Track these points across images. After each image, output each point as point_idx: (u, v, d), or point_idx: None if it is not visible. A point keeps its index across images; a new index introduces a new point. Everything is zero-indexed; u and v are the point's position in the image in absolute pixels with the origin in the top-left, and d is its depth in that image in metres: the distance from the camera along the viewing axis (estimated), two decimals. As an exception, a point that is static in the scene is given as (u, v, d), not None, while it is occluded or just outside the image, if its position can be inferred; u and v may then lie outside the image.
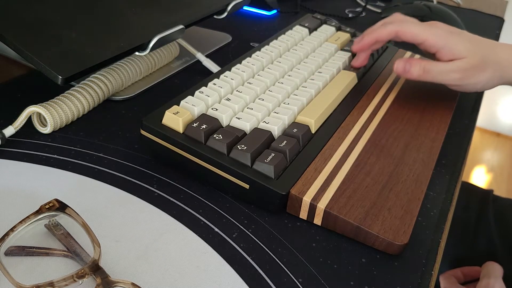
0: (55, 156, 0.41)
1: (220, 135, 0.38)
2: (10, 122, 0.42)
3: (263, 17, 0.79)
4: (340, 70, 0.53)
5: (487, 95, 0.64)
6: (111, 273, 0.30)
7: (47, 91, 0.47)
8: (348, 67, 0.54)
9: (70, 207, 0.32)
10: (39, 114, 0.43)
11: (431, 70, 0.47)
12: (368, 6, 0.91)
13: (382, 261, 0.34)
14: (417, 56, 0.61)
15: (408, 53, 0.62)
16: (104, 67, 0.48)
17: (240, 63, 0.50)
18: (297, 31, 0.59)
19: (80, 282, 0.28)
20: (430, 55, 0.50)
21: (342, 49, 0.58)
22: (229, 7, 0.60)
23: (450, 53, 0.47)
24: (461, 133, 0.51)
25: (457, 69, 0.47)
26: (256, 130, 0.40)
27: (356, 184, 0.38)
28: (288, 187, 0.36)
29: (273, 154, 0.38)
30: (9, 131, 0.41)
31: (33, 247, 0.32)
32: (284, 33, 0.58)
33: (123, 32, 0.48)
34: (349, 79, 0.51)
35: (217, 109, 0.41)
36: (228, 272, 0.32)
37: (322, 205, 0.35)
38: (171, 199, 0.38)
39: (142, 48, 0.49)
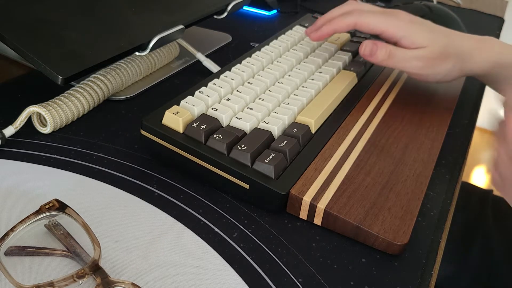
0: (55, 156, 0.41)
1: (220, 135, 0.38)
2: (10, 122, 0.42)
3: (263, 17, 0.79)
4: (340, 70, 0.53)
5: (487, 95, 0.64)
6: (111, 273, 0.30)
7: (47, 91, 0.47)
8: (348, 67, 0.54)
9: (70, 207, 0.32)
10: (39, 114, 0.43)
11: (395, 55, 0.47)
12: (368, 6, 0.90)
13: (382, 261, 0.34)
14: None
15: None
16: (104, 67, 0.48)
17: (240, 63, 0.50)
18: (297, 31, 0.59)
19: (80, 282, 0.28)
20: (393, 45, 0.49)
21: (342, 49, 0.58)
22: (229, 7, 0.60)
23: (410, 42, 0.47)
24: (461, 133, 0.51)
25: (419, 57, 0.47)
26: (256, 130, 0.40)
27: (356, 184, 0.38)
28: (288, 187, 0.36)
29: (273, 154, 0.38)
30: (9, 131, 0.41)
31: (33, 247, 0.32)
32: (284, 33, 0.58)
33: (123, 32, 0.48)
34: (349, 79, 0.51)
35: (217, 109, 0.41)
36: (228, 272, 0.32)
37: (322, 205, 0.35)
38: (171, 199, 0.38)
39: (142, 48, 0.49)
